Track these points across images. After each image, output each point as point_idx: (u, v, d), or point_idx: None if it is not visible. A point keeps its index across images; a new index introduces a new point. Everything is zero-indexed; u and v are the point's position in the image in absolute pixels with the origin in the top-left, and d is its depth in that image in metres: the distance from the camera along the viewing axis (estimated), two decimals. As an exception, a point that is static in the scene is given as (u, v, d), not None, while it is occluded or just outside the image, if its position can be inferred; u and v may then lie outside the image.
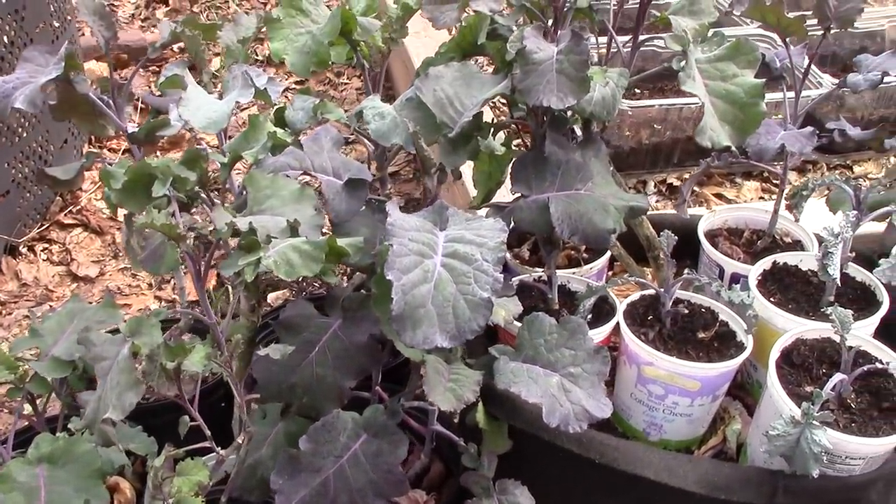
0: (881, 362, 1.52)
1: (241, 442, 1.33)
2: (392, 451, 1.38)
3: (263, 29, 1.68)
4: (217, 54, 4.13)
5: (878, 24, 2.89)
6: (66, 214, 3.10)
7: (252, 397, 1.43)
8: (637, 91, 2.77)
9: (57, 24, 3.01)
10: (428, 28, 1.76)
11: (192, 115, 1.27)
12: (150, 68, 4.15)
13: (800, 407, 1.37)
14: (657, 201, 2.50)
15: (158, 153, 3.48)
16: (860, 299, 1.71)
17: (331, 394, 1.41)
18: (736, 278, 1.82)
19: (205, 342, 1.23)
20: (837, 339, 1.48)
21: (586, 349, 1.41)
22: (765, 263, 1.78)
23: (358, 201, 1.48)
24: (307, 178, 1.57)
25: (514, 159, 1.64)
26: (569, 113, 1.65)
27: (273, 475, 1.34)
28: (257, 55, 4.23)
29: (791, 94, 1.80)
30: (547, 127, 1.61)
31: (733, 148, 1.46)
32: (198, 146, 1.56)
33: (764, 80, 1.47)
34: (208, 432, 1.30)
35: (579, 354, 1.41)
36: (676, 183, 2.54)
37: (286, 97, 3.84)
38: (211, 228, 1.24)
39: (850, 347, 1.48)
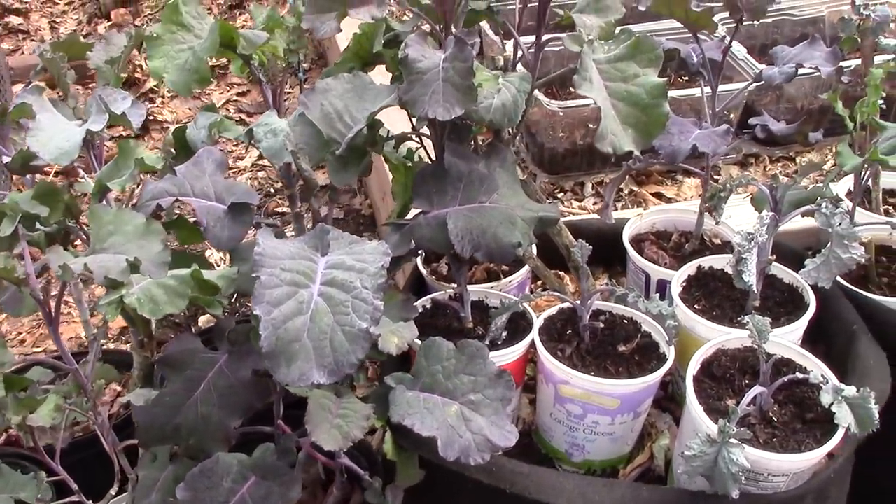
0: (805, 370, 1.44)
1: (113, 494, 1.24)
2: (283, 493, 1.30)
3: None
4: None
5: (818, 10, 2.82)
6: (-6, 242, 2.99)
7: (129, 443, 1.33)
8: (572, 90, 2.68)
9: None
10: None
11: (43, 146, 1.18)
12: (90, 85, 4.04)
13: (718, 424, 1.30)
14: (594, 203, 2.42)
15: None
16: (787, 302, 1.63)
17: (217, 434, 1.33)
18: (663, 285, 1.75)
19: (60, 390, 1.13)
20: (759, 347, 1.41)
21: (487, 374, 1.33)
22: (689, 269, 1.70)
23: (242, 227, 1.39)
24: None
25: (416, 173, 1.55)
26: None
27: (153, 527, 1.25)
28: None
29: (708, 90, 1.71)
30: (446, 137, 1.52)
31: (636, 153, 1.38)
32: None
33: (666, 79, 1.39)
34: (74, 486, 1.21)
35: (480, 380, 1.33)
36: (614, 183, 2.46)
37: (227, 109, 3.75)
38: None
39: (770, 357, 1.40)
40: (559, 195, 2.46)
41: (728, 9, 1.59)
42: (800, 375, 1.39)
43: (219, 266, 2.80)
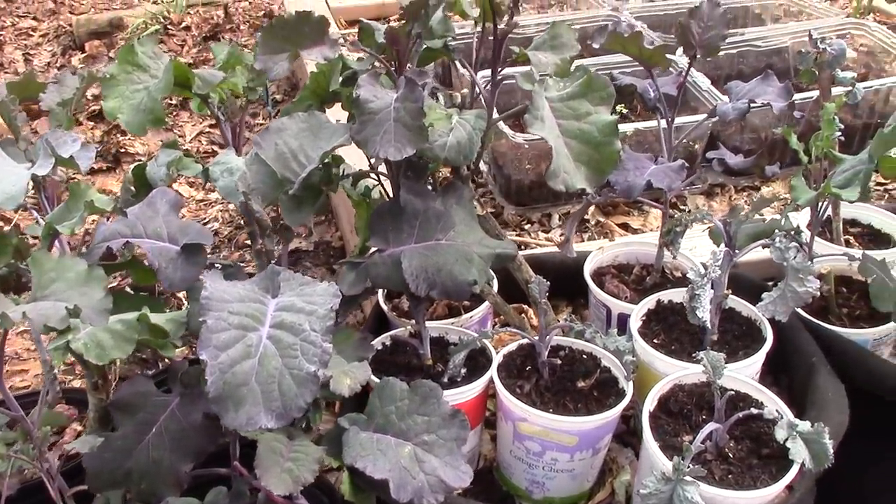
0: (760, 405, 1.45)
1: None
2: (235, 537, 1.28)
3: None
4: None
5: (781, 41, 2.85)
6: (-39, 278, 2.96)
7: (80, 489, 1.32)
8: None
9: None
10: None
11: (-12, 191, 1.18)
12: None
13: (673, 461, 1.29)
14: (561, 234, 2.42)
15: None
16: (745, 336, 1.64)
17: (168, 479, 1.31)
18: (623, 319, 1.75)
19: (7, 437, 1.12)
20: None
21: (441, 414, 1.32)
22: (649, 303, 1.71)
23: (195, 268, 1.38)
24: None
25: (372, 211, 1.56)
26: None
27: (101, 575, 1.24)
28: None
29: (665, 124, 1.72)
30: (402, 175, 1.52)
31: (589, 190, 1.39)
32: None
33: (617, 117, 1.40)
34: (18, 535, 1.19)
35: (433, 420, 1.32)
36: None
37: (199, 141, 3.75)
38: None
39: (725, 393, 1.40)
40: (526, 227, 2.47)
41: (682, 45, 1.61)
42: (754, 411, 1.39)
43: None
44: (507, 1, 1.48)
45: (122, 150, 3.62)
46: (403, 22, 1.44)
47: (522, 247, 2.33)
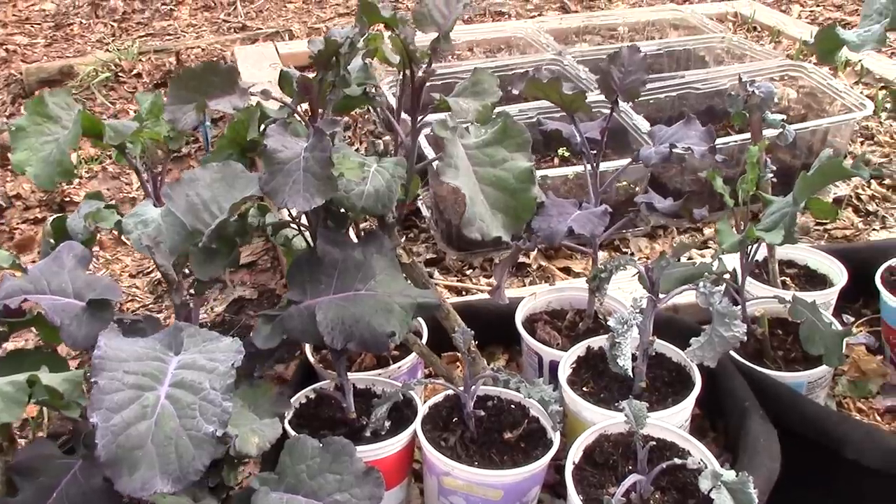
0: (685, 454, 1.42)
1: None
2: None
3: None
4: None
5: (721, 83, 2.88)
6: None
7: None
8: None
9: None
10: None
11: None
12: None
13: (595, 515, 1.26)
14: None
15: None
16: (676, 382, 1.61)
17: (69, 547, 1.25)
18: (555, 366, 1.72)
19: None
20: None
21: (354, 472, 1.28)
22: (579, 349, 1.68)
23: (101, 324, 1.34)
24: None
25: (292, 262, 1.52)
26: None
27: None
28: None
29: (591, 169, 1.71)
30: (321, 224, 1.49)
31: (505, 238, 1.36)
32: None
33: (532, 164, 1.38)
34: None
35: (346, 479, 1.28)
36: (522, 259, 2.44)
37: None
38: None
39: (647, 443, 1.37)
40: (468, 272, 2.44)
41: (603, 90, 1.61)
42: (678, 461, 1.36)
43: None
44: (422, 48, 1.46)
45: (67, 199, 3.56)
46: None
47: (463, 292, 2.31)
